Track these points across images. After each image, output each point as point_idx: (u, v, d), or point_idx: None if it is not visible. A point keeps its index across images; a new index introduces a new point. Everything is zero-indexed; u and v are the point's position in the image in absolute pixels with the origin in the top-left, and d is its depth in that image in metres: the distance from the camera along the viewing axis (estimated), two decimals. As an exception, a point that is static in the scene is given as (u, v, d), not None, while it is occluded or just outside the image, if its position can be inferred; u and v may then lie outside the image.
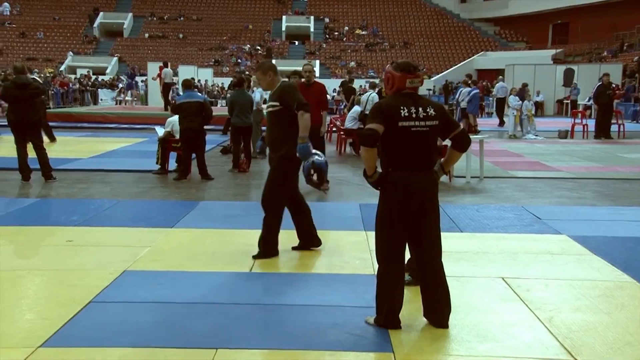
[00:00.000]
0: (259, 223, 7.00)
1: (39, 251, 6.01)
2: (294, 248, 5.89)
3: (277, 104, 5.57)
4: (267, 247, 5.64)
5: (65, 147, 14.27)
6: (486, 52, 44.32)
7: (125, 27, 47.54)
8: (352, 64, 43.89)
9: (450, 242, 6.25)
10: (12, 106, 9.52)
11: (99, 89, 33.25)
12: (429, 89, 36.82)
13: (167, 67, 23.29)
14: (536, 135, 18.54)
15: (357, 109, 13.55)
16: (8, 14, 47.59)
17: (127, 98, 31.91)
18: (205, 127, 10.41)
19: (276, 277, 5.14)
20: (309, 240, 5.90)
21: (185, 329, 3.99)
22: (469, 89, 18.79)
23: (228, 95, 10.19)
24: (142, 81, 33.07)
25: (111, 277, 4.98)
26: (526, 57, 37.20)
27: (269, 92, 5.86)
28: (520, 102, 18.82)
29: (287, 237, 5.89)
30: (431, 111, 3.97)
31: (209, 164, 10.64)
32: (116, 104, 31.61)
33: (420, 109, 3.94)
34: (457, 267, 5.41)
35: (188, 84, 10.56)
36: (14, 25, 46.37)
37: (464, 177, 10.23)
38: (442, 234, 4.14)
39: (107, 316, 4.22)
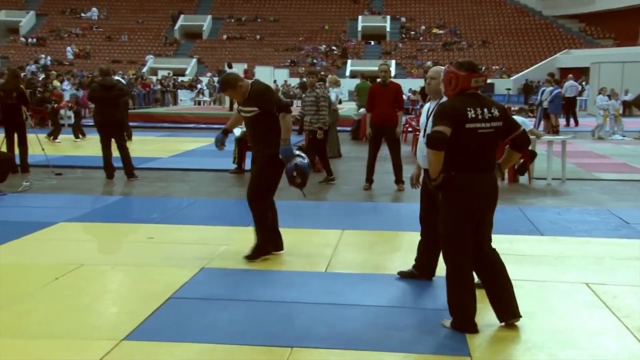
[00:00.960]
0: (335, 222, 7.04)
1: (122, 247, 6.25)
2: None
3: (254, 109, 5.40)
4: (259, 250, 5.52)
5: (146, 146, 14.77)
6: (570, 49, 42.81)
7: (204, 29, 48.76)
8: (429, 63, 43.33)
9: (530, 246, 6.08)
10: (98, 107, 9.93)
11: (178, 90, 34.25)
12: (508, 89, 35.91)
13: (230, 68, 23.67)
14: (623, 136, 17.77)
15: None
16: (96, 18, 49.71)
17: (204, 98, 32.71)
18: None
19: (351, 277, 5.14)
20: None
21: (261, 326, 4.05)
22: (552, 87, 18.22)
23: (304, 96, 10.31)
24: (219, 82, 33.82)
25: (189, 274, 5.11)
26: (613, 55, 35.63)
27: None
28: (609, 101, 18.08)
29: (352, 237, 5.87)
30: (495, 112, 3.92)
31: (284, 163, 10.73)
32: (195, 104, 32.45)
33: (485, 110, 3.88)
34: (537, 271, 5.25)
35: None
36: (100, 29, 48.39)
37: (545, 178, 9.93)
38: (520, 236, 4.07)
39: (186, 312, 4.33)
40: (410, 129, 16.26)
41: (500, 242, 6.26)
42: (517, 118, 10.23)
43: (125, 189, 9.33)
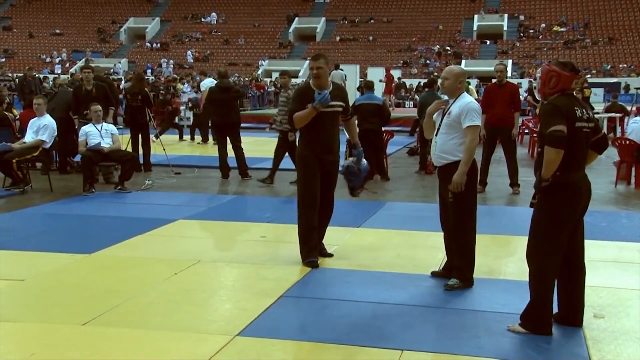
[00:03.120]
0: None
1: (236, 245, 6.46)
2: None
3: (342, 104, 5.32)
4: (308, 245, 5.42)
5: (259, 147, 15.17)
6: None
7: (318, 31, 49.48)
8: (548, 62, 41.66)
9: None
10: (216, 108, 10.32)
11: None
12: (638, 88, 33.78)
13: (337, 68, 23.22)
14: None
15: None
16: (215, 22, 51.76)
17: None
18: (394, 128, 10.49)
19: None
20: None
21: (372, 328, 4.06)
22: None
23: (416, 97, 10.32)
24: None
25: (301, 273, 5.20)
26: None
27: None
28: None
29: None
30: (591, 113, 3.99)
31: (396, 165, 10.70)
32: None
33: (584, 110, 3.90)
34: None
35: (369, 85, 10.75)
36: (219, 33, 50.32)
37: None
38: (632, 244, 3.93)
39: (298, 310, 4.42)
40: (527, 131, 15.70)
41: (625, 250, 5.94)
42: None
43: (240, 188, 9.64)
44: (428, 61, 43.52)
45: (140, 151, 10.74)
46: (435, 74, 32.18)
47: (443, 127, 4.77)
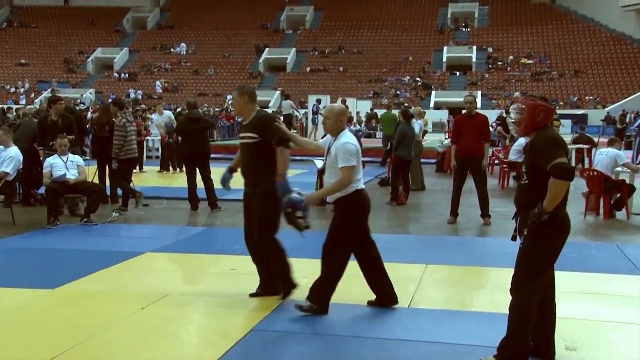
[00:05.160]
0: (418, 256, 6.95)
1: (205, 278, 6.40)
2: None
3: (255, 135, 5.29)
4: (287, 283, 5.40)
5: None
6: (671, 78, 40.97)
7: (288, 61, 49.91)
8: (517, 94, 42.53)
9: (630, 285, 5.78)
10: (185, 139, 10.29)
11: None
12: (602, 120, 34.60)
13: (287, 99, 24.39)
14: None
15: (522, 141, 13.07)
16: (184, 53, 51.89)
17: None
18: (365, 159, 10.55)
19: (436, 314, 5.05)
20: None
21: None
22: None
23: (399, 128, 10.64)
24: (303, 113, 34.40)
25: (271, 306, 5.17)
26: None
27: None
28: None
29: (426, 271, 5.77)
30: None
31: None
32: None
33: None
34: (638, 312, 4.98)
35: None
36: (188, 64, 50.43)
37: (645, 215, 9.47)
38: (618, 275, 3.93)
39: (267, 345, 4.37)
40: (497, 162, 15.93)
41: (595, 281, 6.02)
42: (611, 150, 9.91)
43: (209, 220, 9.58)
44: (399, 92, 44.10)
45: (107, 182, 10.62)
46: (406, 104, 32.60)
47: (327, 166, 5.05)
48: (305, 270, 6.12)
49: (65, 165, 8.87)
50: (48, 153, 9.34)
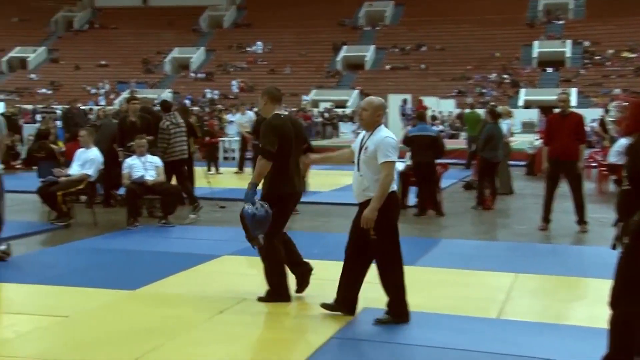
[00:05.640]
0: (508, 265, 6.82)
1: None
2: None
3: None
4: (277, 291, 5.45)
5: (306, 179, 15.26)
6: None
7: (367, 59, 49.86)
8: (617, 91, 40.88)
9: None
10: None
11: (339, 122, 35.18)
12: None
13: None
14: None
15: (623, 142, 12.58)
16: (261, 51, 52.75)
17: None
18: (449, 160, 10.46)
19: (528, 326, 4.93)
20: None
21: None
22: None
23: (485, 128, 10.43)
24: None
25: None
26: None
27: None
28: None
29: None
30: None
31: (451, 200, 10.63)
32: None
33: None
34: None
35: (422, 116, 10.79)
36: (265, 62, 51.22)
37: None
38: None
39: (347, 353, 4.43)
40: (594, 164, 15.39)
41: None
42: None
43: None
44: (484, 90, 43.28)
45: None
46: (492, 103, 31.99)
47: (361, 163, 4.90)
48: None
49: (144, 166, 9.18)
50: (127, 154, 9.69)
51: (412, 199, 10.86)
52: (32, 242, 8.14)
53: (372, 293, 5.71)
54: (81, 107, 18.76)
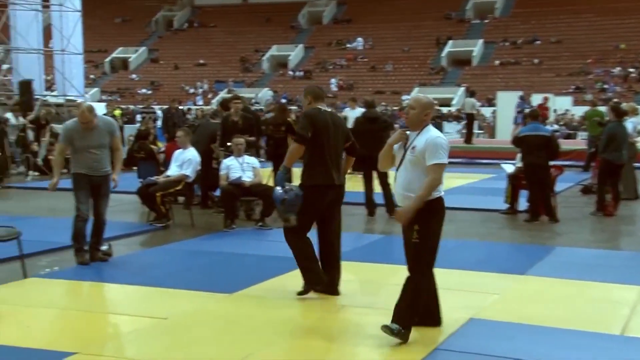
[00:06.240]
0: (633, 276, 6.53)
1: (381, 289, 6.45)
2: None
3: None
4: (309, 281, 5.82)
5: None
6: None
7: (474, 54, 48.97)
8: None
9: None
10: (362, 140, 10.45)
11: (443, 122, 34.73)
12: None
13: (472, 96, 24.22)
14: None
15: None
16: (361, 48, 52.89)
17: (475, 130, 32.66)
18: (564, 162, 10.12)
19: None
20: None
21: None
22: None
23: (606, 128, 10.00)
24: (491, 112, 33.59)
25: (456, 324, 5.10)
26: None
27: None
28: None
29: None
30: None
31: (567, 204, 10.28)
32: (461, 137, 32.57)
33: None
34: None
35: (534, 115, 10.48)
36: (365, 59, 51.30)
37: None
38: None
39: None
40: None
41: None
42: None
43: (387, 227, 9.66)
44: (606, 85, 41.52)
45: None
46: (616, 99, 30.65)
47: (407, 163, 4.75)
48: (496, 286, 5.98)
49: (241, 167, 9.37)
50: (227, 154, 9.93)
51: (522, 203, 10.58)
52: (132, 243, 8.52)
53: (477, 302, 5.62)
54: (179, 107, 19.43)
